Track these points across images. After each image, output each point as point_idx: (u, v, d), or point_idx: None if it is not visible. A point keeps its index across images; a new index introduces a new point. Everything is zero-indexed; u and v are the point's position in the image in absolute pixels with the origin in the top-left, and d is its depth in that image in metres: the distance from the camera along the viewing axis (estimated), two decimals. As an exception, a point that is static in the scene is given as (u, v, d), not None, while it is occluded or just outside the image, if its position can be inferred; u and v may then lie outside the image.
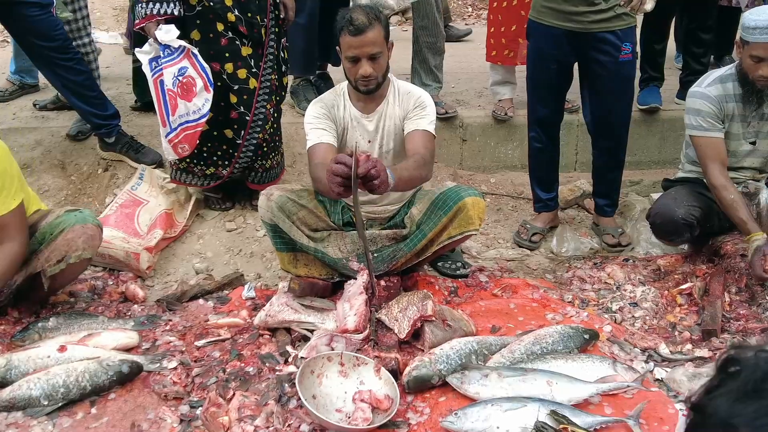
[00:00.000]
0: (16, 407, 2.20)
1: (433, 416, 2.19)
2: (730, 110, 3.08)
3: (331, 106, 2.87)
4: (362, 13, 2.63)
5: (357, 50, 2.64)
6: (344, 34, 2.63)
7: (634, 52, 3.28)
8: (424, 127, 2.78)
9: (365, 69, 2.66)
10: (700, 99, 3.09)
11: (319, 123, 2.82)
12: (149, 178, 3.65)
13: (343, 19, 2.64)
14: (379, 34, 2.65)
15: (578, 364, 2.37)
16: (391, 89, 2.88)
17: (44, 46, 3.47)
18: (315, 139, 2.79)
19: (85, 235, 2.64)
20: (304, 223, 2.90)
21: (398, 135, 2.88)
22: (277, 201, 2.84)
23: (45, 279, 2.61)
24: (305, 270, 2.96)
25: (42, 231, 2.64)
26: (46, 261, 2.59)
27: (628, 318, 2.84)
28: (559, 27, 3.21)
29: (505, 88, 4.46)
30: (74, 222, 2.64)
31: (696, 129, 3.10)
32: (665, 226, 3.16)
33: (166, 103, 3.15)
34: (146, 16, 3.04)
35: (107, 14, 7.40)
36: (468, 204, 2.83)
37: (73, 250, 2.61)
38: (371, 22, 2.61)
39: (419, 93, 2.89)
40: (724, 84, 3.08)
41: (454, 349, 2.39)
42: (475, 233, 2.93)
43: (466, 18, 8.15)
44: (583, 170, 4.45)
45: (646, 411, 2.16)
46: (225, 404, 2.19)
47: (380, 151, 2.91)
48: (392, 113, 2.87)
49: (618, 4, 3.08)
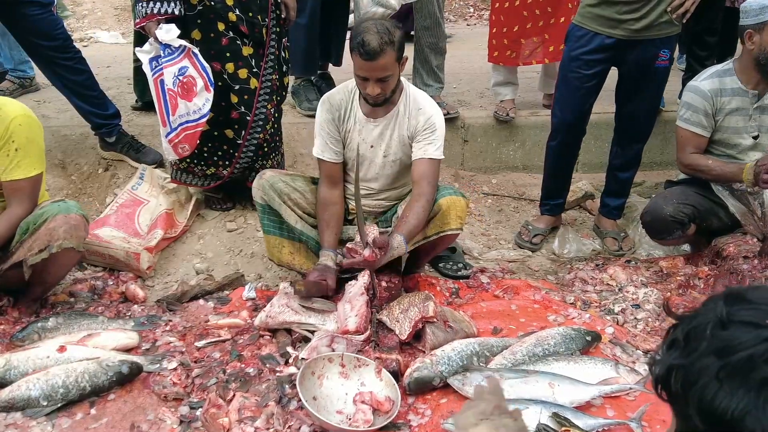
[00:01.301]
0: (15, 408, 2.19)
1: (434, 418, 2.18)
2: (725, 104, 3.10)
3: (338, 108, 2.86)
4: (376, 36, 2.55)
5: (367, 73, 2.63)
6: (355, 55, 2.61)
7: (671, 58, 3.30)
8: (431, 154, 2.78)
9: (373, 89, 2.65)
10: (692, 93, 3.16)
11: (322, 131, 2.88)
12: (150, 177, 3.64)
13: (356, 38, 2.59)
14: (391, 59, 2.60)
15: (580, 366, 2.36)
16: (403, 98, 2.83)
17: (45, 45, 3.46)
18: (318, 150, 2.92)
19: (68, 225, 2.63)
20: (297, 205, 2.95)
21: (405, 147, 2.86)
22: (268, 179, 2.89)
23: (26, 268, 2.61)
24: (289, 258, 3.01)
25: (26, 221, 2.65)
26: (29, 250, 2.60)
27: (630, 320, 2.83)
28: (603, 33, 3.20)
29: (507, 88, 4.45)
30: (57, 212, 2.64)
31: (681, 120, 3.21)
32: (654, 223, 3.23)
33: (166, 102, 3.13)
34: (147, 15, 3.03)
35: (108, 14, 7.41)
36: (443, 205, 2.82)
37: (55, 240, 2.60)
38: (383, 48, 2.55)
39: (431, 112, 2.82)
40: (721, 78, 3.11)
41: (456, 351, 2.39)
42: (456, 233, 2.89)
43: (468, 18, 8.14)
44: (585, 171, 4.45)
45: (649, 413, 2.15)
46: (225, 405, 2.18)
47: (384, 159, 2.89)
48: (401, 124, 2.83)
49: (665, 11, 3.09)
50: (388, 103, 2.80)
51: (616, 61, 3.30)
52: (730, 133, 3.13)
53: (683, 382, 0.94)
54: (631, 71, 3.32)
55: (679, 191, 3.26)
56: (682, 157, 3.24)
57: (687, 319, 0.99)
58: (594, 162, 4.44)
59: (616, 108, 3.55)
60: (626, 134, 3.55)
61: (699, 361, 0.92)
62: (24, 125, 2.60)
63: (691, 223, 3.18)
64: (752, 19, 2.91)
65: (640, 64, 3.26)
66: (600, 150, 4.31)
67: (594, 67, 3.28)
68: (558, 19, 4.15)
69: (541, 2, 4.15)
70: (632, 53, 3.23)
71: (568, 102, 3.41)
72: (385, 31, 2.58)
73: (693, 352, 0.94)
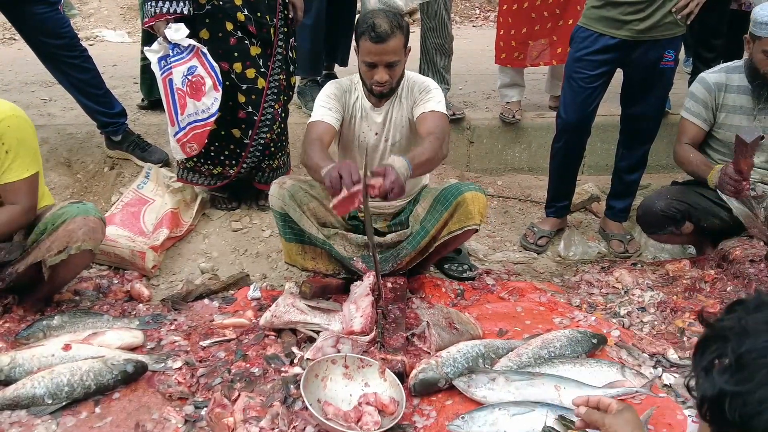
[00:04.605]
0: (20, 405, 2.19)
1: (439, 420, 2.17)
2: (728, 101, 3.13)
3: (345, 90, 2.86)
4: (385, 20, 2.58)
5: (376, 57, 2.62)
6: (365, 39, 2.60)
7: (676, 59, 3.30)
8: (432, 107, 2.75)
9: (381, 76, 2.65)
10: (698, 83, 3.21)
11: (327, 102, 2.81)
12: (155, 177, 3.65)
13: (365, 23, 2.60)
14: (400, 43, 2.62)
15: (586, 368, 2.35)
16: (403, 84, 2.85)
17: (51, 43, 3.46)
18: (318, 116, 2.78)
19: (87, 227, 2.63)
20: (314, 215, 2.88)
21: (405, 128, 2.87)
22: (289, 189, 2.82)
23: (45, 269, 2.61)
24: (312, 263, 2.94)
25: (44, 221, 2.65)
26: (47, 251, 2.59)
27: (636, 323, 2.82)
28: (608, 34, 3.20)
29: (514, 90, 4.45)
30: (76, 213, 2.64)
31: (684, 110, 3.27)
32: (645, 217, 3.28)
33: (175, 102, 3.14)
34: (156, 14, 3.03)
35: (114, 13, 7.41)
36: (467, 198, 2.81)
37: (74, 241, 2.60)
38: (393, 31, 2.57)
39: (422, 80, 2.86)
40: (728, 74, 3.13)
41: (461, 352, 2.38)
42: (477, 228, 2.88)
43: (474, 20, 8.14)
44: (590, 173, 4.45)
45: (655, 417, 2.14)
46: (230, 405, 2.18)
47: (387, 144, 2.90)
48: (400, 106, 2.85)
49: (669, 11, 3.10)
50: (392, 94, 2.80)
51: (620, 62, 3.30)
52: (734, 132, 3.12)
53: (742, 412, 0.91)
54: (636, 72, 3.32)
55: (677, 189, 3.31)
56: (676, 147, 3.29)
57: (733, 337, 0.95)
58: (600, 164, 4.44)
59: (621, 109, 3.55)
60: (632, 136, 3.55)
61: (760, 391, 0.89)
62: (13, 126, 2.53)
63: (685, 221, 3.19)
64: (754, 26, 2.94)
65: (645, 65, 3.26)
66: (606, 152, 4.30)
67: (599, 68, 3.28)
68: (566, 21, 4.15)
69: (550, 4, 4.15)
70: (637, 54, 3.23)
71: (572, 103, 3.40)
72: (394, 17, 2.62)
73: (750, 380, 0.90)
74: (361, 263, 2.85)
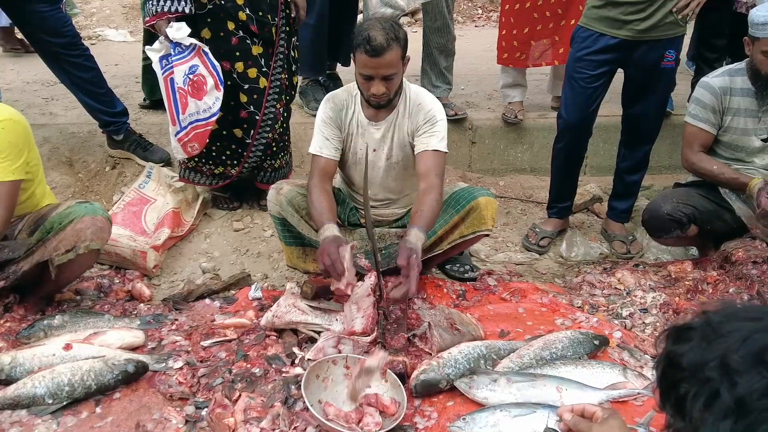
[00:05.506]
0: (21, 405, 2.18)
1: (440, 421, 2.17)
2: (733, 104, 3.11)
3: (341, 108, 2.81)
4: (381, 32, 2.50)
5: (372, 70, 2.55)
6: (360, 52, 2.53)
7: (677, 59, 3.30)
8: (435, 146, 2.69)
9: (378, 88, 2.58)
10: (702, 88, 3.18)
11: (324, 130, 2.78)
12: (157, 176, 3.64)
13: (360, 36, 2.53)
14: (396, 56, 2.54)
15: (588, 370, 2.34)
16: (402, 98, 2.77)
17: (53, 42, 3.47)
18: (317, 149, 2.79)
19: (94, 227, 2.63)
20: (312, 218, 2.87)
21: (406, 147, 2.81)
22: (286, 195, 2.83)
23: (53, 268, 2.61)
24: (314, 265, 2.93)
25: (51, 220, 2.64)
26: (55, 250, 2.59)
27: (638, 324, 2.81)
28: (609, 34, 3.19)
29: (516, 90, 4.45)
30: (84, 213, 2.63)
31: (690, 116, 3.23)
32: (651, 221, 3.26)
33: (176, 101, 3.13)
34: (157, 13, 3.03)
35: (116, 12, 7.42)
36: (481, 203, 2.81)
37: (82, 241, 2.60)
38: (389, 44, 2.49)
39: (430, 106, 2.76)
40: (732, 77, 3.12)
41: (463, 353, 2.37)
42: (488, 233, 2.89)
43: (476, 20, 8.13)
44: (593, 174, 4.44)
45: (657, 419, 2.13)
46: (231, 405, 2.17)
47: (387, 161, 2.85)
48: (401, 123, 2.78)
49: (670, 11, 3.09)
50: (390, 105, 2.74)
51: (621, 62, 3.30)
52: (739, 134, 3.13)
53: None
54: (636, 72, 3.31)
55: (682, 192, 3.29)
56: (689, 155, 3.24)
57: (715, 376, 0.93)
58: (602, 165, 4.43)
59: (623, 110, 3.54)
60: (633, 136, 3.55)
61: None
62: (8, 129, 2.51)
63: (691, 224, 3.18)
64: (752, 28, 2.94)
65: (646, 65, 3.25)
66: (608, 153, 4.30)
67: (599, 67, 3.28)
68: (568, 21, 4.14)
69: (552, 4, 4.15)
70: (637, 54, 3.22)
71: (573, 103, 3.40)
72: (390, 28, 2.54)
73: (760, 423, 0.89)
74: (365, 259, 2.84)
